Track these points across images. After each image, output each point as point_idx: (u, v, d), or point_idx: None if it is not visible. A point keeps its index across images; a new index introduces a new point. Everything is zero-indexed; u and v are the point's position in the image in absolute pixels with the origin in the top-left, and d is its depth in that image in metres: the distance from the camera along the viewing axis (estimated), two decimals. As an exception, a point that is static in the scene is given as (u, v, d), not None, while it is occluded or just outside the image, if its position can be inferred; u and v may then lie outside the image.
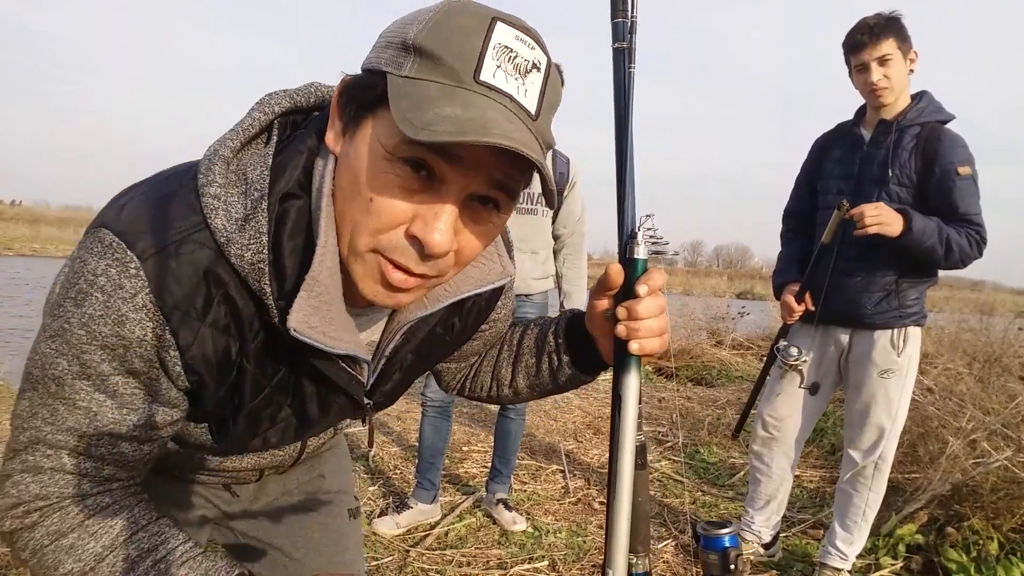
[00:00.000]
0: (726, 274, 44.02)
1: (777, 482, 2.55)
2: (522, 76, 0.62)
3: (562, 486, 3.39)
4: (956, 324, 6.38)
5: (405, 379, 0.90)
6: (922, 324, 2.30)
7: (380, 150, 0.61)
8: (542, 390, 0.98)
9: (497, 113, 0.59)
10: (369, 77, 0.63)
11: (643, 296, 0.73)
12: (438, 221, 0.61)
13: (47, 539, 0.69)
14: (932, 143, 2.18)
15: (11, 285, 11.59)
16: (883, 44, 2.17)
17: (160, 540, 0.73)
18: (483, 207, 0.65)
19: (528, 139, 0.60)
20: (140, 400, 0.68)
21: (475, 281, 0.80)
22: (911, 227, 2.09)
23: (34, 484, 0.68)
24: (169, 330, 0.65)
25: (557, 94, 0.67)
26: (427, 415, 2.80)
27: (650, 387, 6.03)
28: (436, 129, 0.55)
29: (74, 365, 0.64)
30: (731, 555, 0.85)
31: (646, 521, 0.83)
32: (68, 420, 0.67)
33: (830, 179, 2.39)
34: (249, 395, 0.74)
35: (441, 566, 2.46)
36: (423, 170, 0.61)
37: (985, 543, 2.51)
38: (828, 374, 2.43)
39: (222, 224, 0.64)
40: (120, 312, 0.62)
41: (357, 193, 0.63)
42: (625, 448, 0.77)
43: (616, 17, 0.80)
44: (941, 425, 3.15)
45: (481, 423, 4.46)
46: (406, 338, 0.82)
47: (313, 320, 0.66)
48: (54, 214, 47.49)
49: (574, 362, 0.92)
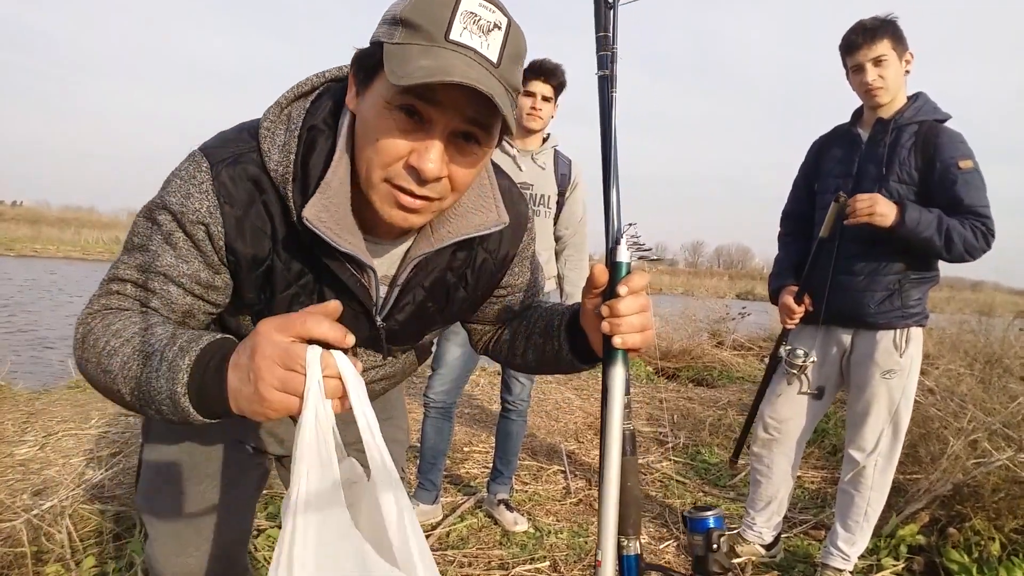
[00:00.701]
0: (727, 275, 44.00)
1: (778, 483, 2.55)
2: (485, 34, 0.78)
3: (563, 487, 3.39)
4: (957, 325, 6.38)
5: (419, 314, 1.05)
6: (924, 324, 2.30)
7: (382, 102, 0.80)
8: (549, 368, 1.13)
9: (460, 62, 0.76)
10: (372, 48, 0.82)
11: (624, 296, 0.85)
12: (428, 152, 0.80)
13: (100, 328, 0.86)
14: (931, 139, 2.18)
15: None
16: (878, 45, 2.18)
17: (185, 326, 0.91)
18: (466, 142, 0.83)
19: (488, 81, 0.77)
20: (191, 256, 0.89)
21: (476, 225, 0.96)
22: (904, 217, 2.09)
23: (104, 300, 0.90)
24: (220, 212, 0.87)
25: (518, 47, 0.83)
26: (429, 416, 2.80)
27: (651, 388, 6.03)
28: (413, 76, 0.74)
29: (151, 224, 0.89)
30: (714, 535, 0.91)
31: (636, 505, 0.91)
32: (138, 259, 0.90)
33: (828, 178, 2.39)
34: (279, 286, 0.94)
35: (443, 566, 2.46)
36: (415, 115, 0.79)
37: (987, 544, 2.51)
38: (830, 375, 2.43)
39: (267, 147, 0.88)
40: (188, 191, 0.87)
41: (368, 136, 0.82)
42: (613, 436, 0.86)
43: (601, 51, 1.00)
44: (942, 426, 3.15)
45: (482, 424, 4.46)
46: (416, 272, 0.98)
47: (323, 216, 0.85)
48: (55, 214, 47.50)
49: (572, 350, 1.04)
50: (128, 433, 3.59)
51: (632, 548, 0.89)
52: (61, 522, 2.24)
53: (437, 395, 2.76)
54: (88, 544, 2.30)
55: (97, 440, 3.43)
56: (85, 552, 2.22)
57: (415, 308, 1.03)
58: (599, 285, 0.89)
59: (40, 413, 3.97)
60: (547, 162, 2.75)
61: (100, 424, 3.77)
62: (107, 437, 3.53)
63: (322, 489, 0.70)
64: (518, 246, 1.08)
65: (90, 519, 2.43)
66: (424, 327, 1.09)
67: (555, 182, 2.75)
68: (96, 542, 2.32)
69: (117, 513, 2.49)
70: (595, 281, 0.88)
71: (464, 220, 0.95)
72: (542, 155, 2.75)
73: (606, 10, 1.04)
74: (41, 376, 5.41)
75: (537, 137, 2.76)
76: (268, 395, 0.69)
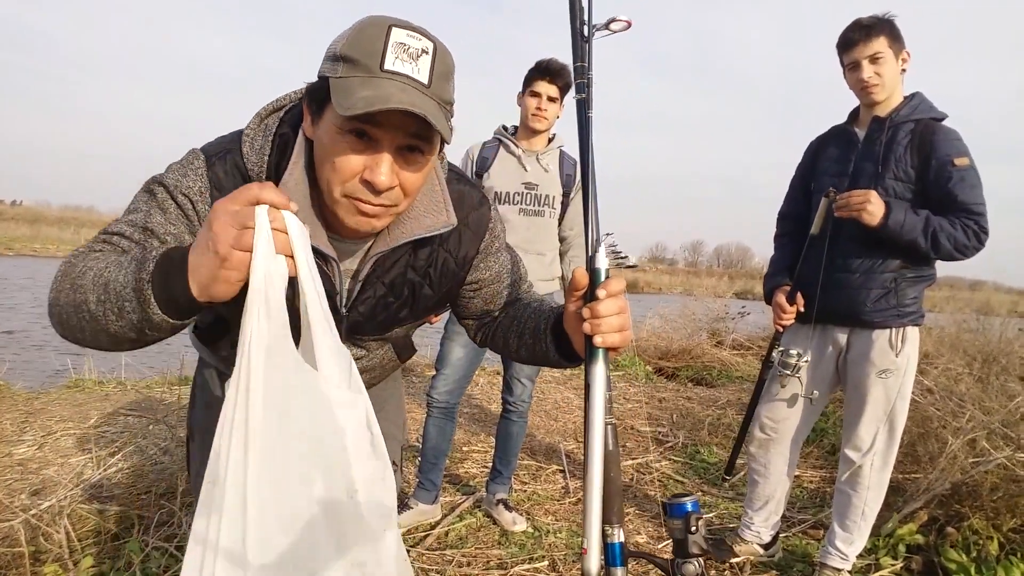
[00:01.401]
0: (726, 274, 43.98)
1: (775, 483, 2.55)
2: (414, 60, 0.89)
3: (562, 486, 3.39)
4: (956, 325, 6.38)
5: (382, 308, 1.16)
6: (920, 324, 2.30)
7: (334, 128, 0.91)
8: (540, 363, 1.21)
9: (396, 88, 0.87)
10: (320, 82, 0.93)
11: (603, 299, 0.92)
12: (379, 167, 0.91)
13: (79, 260, 0.92)
14: (927, 137, 2.19)
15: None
16: (874, 42, 2.19)
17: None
18: (411, 153, 0.93)
19: (422, 100, 0.88)
20: (179, 221, 0.99)
21: (427, 227, 1.07)
22: (888, 220, 2.12)
23: (91, 244, 0.97)
24: (210, 194, 1.00)
25: (447, 66, 0.93)
26: (432, 415, 2.80)
27: (650, 387, 6.03)
28: (357, 107, 0.84)
29: (148, 194, 1.00)
30: (691, 518, 0.95)
31: (619, 495, 0.96)
32: (131, 216, 0.99)
33: (824, 177, 2.39)
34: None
35: (441, 566, 2.46)
36: (364, 136, 0.90)
37: (985, 543, 2.51)
38: (826, 375, 2.42)
39: (247, 151, 1.02)
40: (185, 171, 1.00)
41: (326, 158, 0.93)
42: (595, 429, 0.92)
43: (578, 78, 1.20)
44: (941, 425, 3.15)
45: (481, 423, 4.46)
46: (375, 268, 1.10)
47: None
48: (55, 214, 47.46)
49: (557, 350, 1.13)
50: (127, 433, 3.59)
51: (616, 536, 0.94)
52: (59, 522, 2.24)
53: (440, 395, 2.76)
54: (86, 544, 2.30)
55: (96, 440, 3.43)
56: (83, 552, 2.22)
57: (375, 301, 1.14)
58: (580, 288, 0.96)
59: (39, 413, 3.97)
60: (552, 162, 2.75)
61: (99, 424, 3.77)
62: (106, 437, 3.53)
63: (272, 332, 0.79)
64: (479, 246, 1.18)
65: (88, 519, 2.43)
66: (389, 320, 1.20)
67: (560, 183, 2.75)
68: (94, 542, 2.32)
69: (116, 513, 2.49)
70: (576, 285, 0.96)
71: (416, 222, 1.06)
72: (547, 155, 2.75)
73: (582, 43, 1.20)
74: (39, 376, 5.41)
75: (543, 137, 2.76)
76: (226, 254, 0.76)
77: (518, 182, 2.71)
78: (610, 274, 0.94)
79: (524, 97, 2.70)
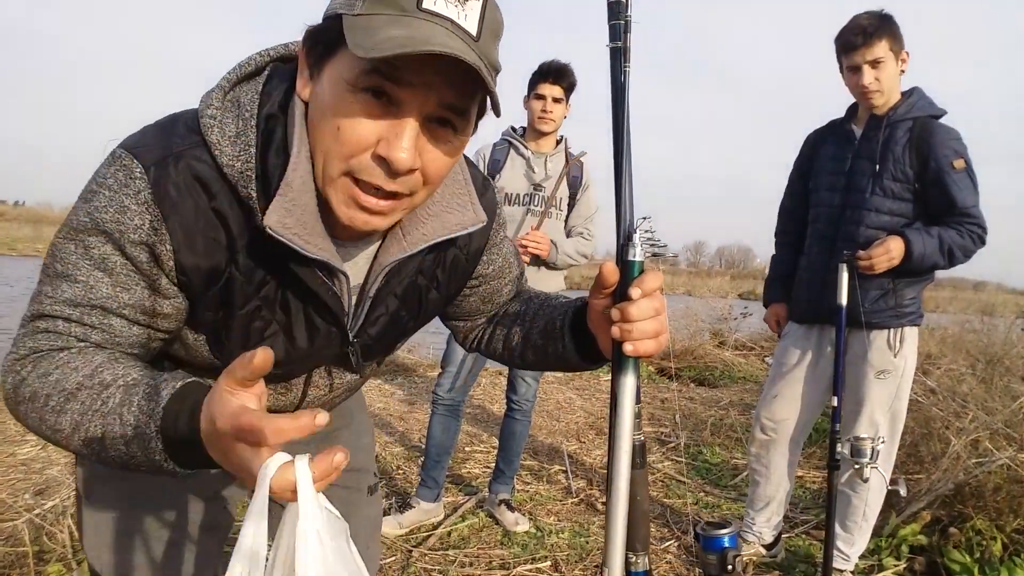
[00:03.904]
0: (729, 274, 43.96)
1: (776, 483, 2.55)
2: (461, 4, 0.68)
3: (565, 486, 3.39)
4: (959, 325, 6.37)
5: (393, 325, 0.94)
6: (918, 324, 2.30)
7: (343, 83, 0.68)
8: (551, 367, 1.04)
9: (439, 32, 0.66)
10: (327, 22, 0.71)
11: (636, 299, 0.76)
12: (400, 140, 0.68)
13: (35, 379, 0.73)
14: (925, 137, 2.19)
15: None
16: (876, 47, 2.18)
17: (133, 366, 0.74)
18: (441, 128, 0.72)
19: (469, 53, 0.66)
20: (134, 283, 0.75)
21: (451, 226, 0.85)
22: (912, 257, 2.13)
23: (30, 342, 0.75)
24: (165, 227, 0.73)
25: (497, 22, 0.73)
26: (437, 412, 2.80)
27: (653, 387, 6.03)
28: (384, 47, 0.63)
29: (79, 248, 0.73)
30: (729, 555, 0.88)
31: (645, 520, 0.85)
32: (66, 293, 0.73)
33: (822, 175, 2.39)
34: (239, 302, 0.80)
35: (444, 566, 2.46)
36: (383, 96, 0.68)
37: (988, 543, 2.50)
38: (825, 375, 2.42)
39: (216, 139, 0.73)
40: (123, 203, 0.71)
41: (327, 124, 0.70)
42: (622, 448, 0.79)
43: (613, 19, 0.86)
44: (944, 425, 3.14)
45: (483, 424, 4.46)
46: (388, 280, 0.87)
47: (288, 221, 0.72)
48: (57, 215, 47.53)
49: (577, 351, 0.96)
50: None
51: (641, 565, 0.85)
52: (63, 522, 2.25)
53: (446, 392, 2.77)
54: (90, 544, 2.30)
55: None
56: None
57: (389, 319, 0.92)
58: (609, 285, 0.80)
59: (42, 413, 3.97)
60: (560, 164, 2.77)
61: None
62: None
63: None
64: (487, 236, 0.98)
65: (92, 519, 2.43)
66: (398, 337, 1.00)
67: (567, 184, 2.77)
68: (98, 542, 2.33)
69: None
70: (604, 281, 0.79)
71: (439, 220, 0.84)
72: (555, 157, 2.77)
73: None
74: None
75: (551, 139, 2.78)
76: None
77: (527, 183, 2.73)
78: (645, 268, 0.79)
79: (530, 101, 2.72)
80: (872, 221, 2.23)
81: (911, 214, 2.23)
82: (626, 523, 0.79)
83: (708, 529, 0.89)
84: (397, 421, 4.33)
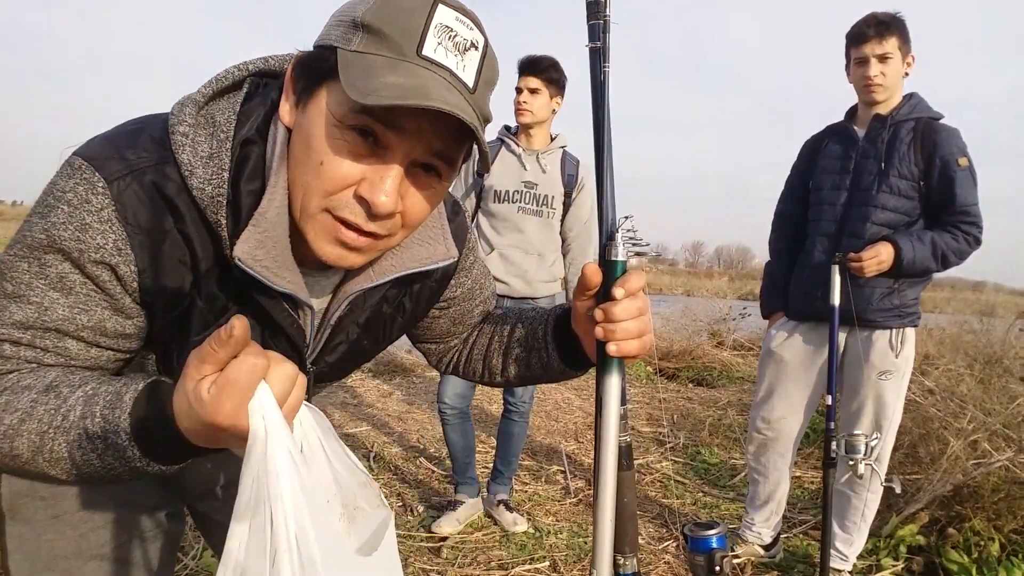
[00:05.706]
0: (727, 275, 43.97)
1: (774, 483, 2.56)
2: (461, 53, 0.68)
3: (563, 487, 3.39)
4: (958, 325, 6.37)
5: (352, 353, 0.92)
6: (917, 324, 2.32)
7: (331, 118, 0.67)
8: (535, 380, 1.02)
9: (437, 83, 0.65)
10: (321, 52, 0.69)
11: (619, 299, 0.76)
12: (383, 183, 0.67)
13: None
14: (930, 135, 2.21)
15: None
16: (887, 42, 2.20)
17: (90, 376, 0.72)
18: (425, 174, 0.72)
19: (466, 108, 0.66)
20: (94, 303, 0.71)
21: (421, 259, 0.84)
22: (902, 262, 2.16)
23: None
24: (130, 246, 0.69)
25: (494, 72, 0.73)
26: (448, 423, 2.79)
27: (651, 388, 6.03)
28: (381, 94, 0.62)
29: (33, 266, 0.68)
30: (716, 556, 0.86)
31: (633, 521, 0.84)
32: (16, 315, 0.69)
33: (824, 175, 2.39)
34: (196, 328, 0.77)
35: (442, 567, 2.46)
36: (370, 136, 0.67)
37: (986, 544, 2.50)
38: (821, 373, 2.42)
39: (187, 159, 0.69)
40: (84, 221, 0.67)
41: (309, 158, 0.68)
42: (608, 449, 0.79)
43: (592, 19, 0.85)
44: (942, 426, 3.14)
45: (481, 424, 4.46)
46: (351, 308, 0.86)
47: (258, 253, 0.70)
48: (56, 215, 47.44)
49: (562, 358, 0.95)
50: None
51: (629, 566, 0.84)
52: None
53: (451, 400, 2.76)
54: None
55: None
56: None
57: (348, 347, 0.90)
58: (592, 286, 0.79)
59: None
60: (553, 162, 2.72)
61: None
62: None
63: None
64: (457, 261, 0.95)
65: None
66: (355, 365, 0.98)
67: (561, 183, 2.73)
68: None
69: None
70: (587, 282, 0.79)
71: (409, 252, 0.83)
72: (548, 155, 2.72)
73: None
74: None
75: (544, 136, 2.73)
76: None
77: (517, 180, 2.69)
78: (628, 268, 0.78)
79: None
80: (878, 218, 2.23)
81: (916, 211, 2.24)
82: (613, 525, 0.79)
83: (696, 530, 0.88)
84: (396, 421, 4.32)
